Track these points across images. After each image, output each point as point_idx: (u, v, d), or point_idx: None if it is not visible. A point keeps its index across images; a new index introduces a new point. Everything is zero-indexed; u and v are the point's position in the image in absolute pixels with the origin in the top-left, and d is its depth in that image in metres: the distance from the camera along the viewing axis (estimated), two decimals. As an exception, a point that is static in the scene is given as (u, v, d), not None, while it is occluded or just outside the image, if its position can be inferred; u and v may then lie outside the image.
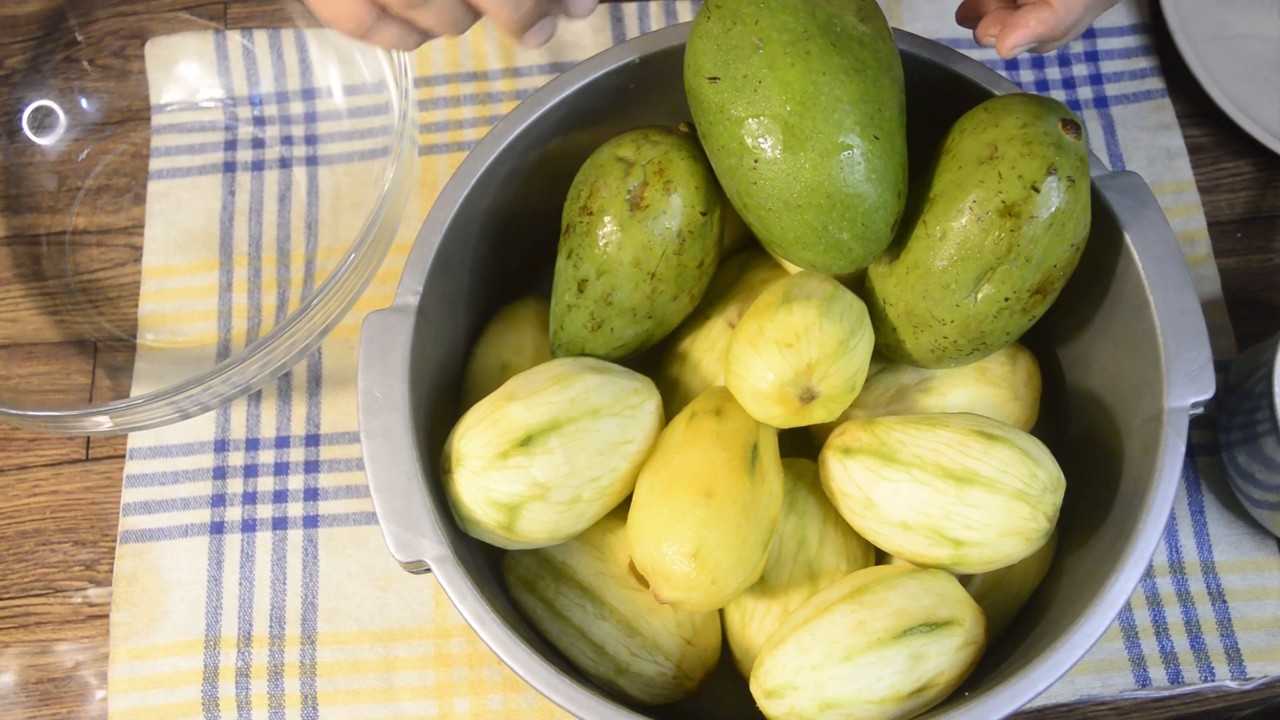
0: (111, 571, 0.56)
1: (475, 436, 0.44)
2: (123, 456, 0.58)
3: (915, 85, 0.47)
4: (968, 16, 0.47)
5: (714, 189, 0.48)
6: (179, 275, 0.61)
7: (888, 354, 0.50)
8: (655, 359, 0.54)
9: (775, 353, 0.45)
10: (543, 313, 0.54)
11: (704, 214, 0.48)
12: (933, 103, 0.48)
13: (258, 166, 0.63)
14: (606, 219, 0.47)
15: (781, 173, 0.44)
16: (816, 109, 0.43)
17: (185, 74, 0.64)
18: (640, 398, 0.47)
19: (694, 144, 0.48)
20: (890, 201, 0.45)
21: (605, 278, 0.47)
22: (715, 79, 0.44)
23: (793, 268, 0.52)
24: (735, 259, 0.55)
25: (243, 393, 0.52)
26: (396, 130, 0.53)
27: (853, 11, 0.45)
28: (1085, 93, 0.63)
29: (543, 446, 0.44)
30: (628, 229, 0.47)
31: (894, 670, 0.43)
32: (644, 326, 0.50)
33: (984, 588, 0.49)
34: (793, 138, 0.43)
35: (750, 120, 0.43)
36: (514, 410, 0.44)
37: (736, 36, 0.44)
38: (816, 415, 0.46)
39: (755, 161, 0.44)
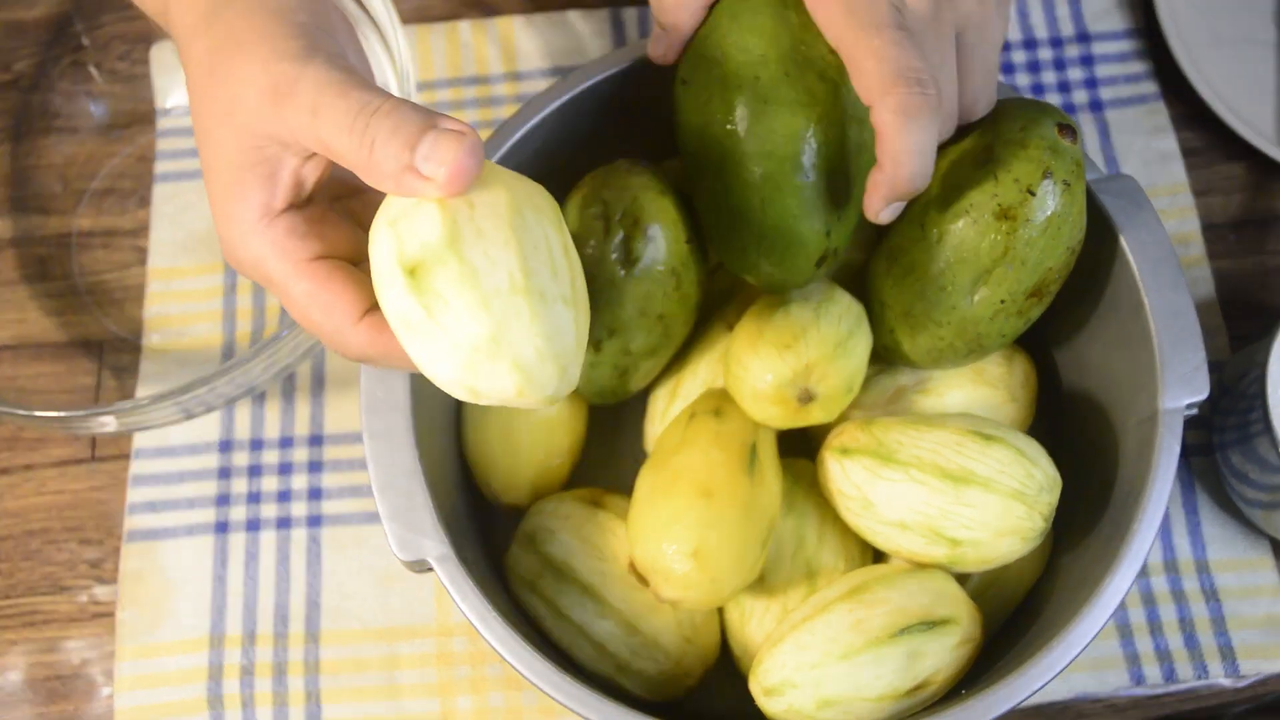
0: (117, 570, 0.56)
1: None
2: (128, 456, 0.58)
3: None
4: None
5: (689, 210, 0.48)
6: (184, 277, 0.62)
7: (885, 355, 0.50)
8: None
9: (773, 354, 0.45)
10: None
11: (689, 241, 0.48)
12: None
13: (262, 169, 0.63)
14: (603, 284, 0.46)
15: (710, 190, 0.44)
16: (750, 137, 0.42)
17: (190, 78, 0.65)
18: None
19: (653, 174, 0.48)
20: (813, 240, 0.43)
21: (618, 335, 0.48)
22: (685, 82, 0.45)
23: None
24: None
25: (247, 393, 0.53)
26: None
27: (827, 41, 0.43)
28: (1080, 96, 0.64)
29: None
30: (626, 287, 0.46)
31: (891, 668, 0.43)
32: (665, 355, 0.50)
33: (980, 586, 0.49)
34: (725, 159, 0.43)
35: (697, 129, 0.44)
36: None
37: (709, 45, 0.44)
38: (815, 416, 0.47)
39: (694, 173, 0.45)
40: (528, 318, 0.33)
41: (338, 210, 0.38)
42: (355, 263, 0.36)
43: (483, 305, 0.32)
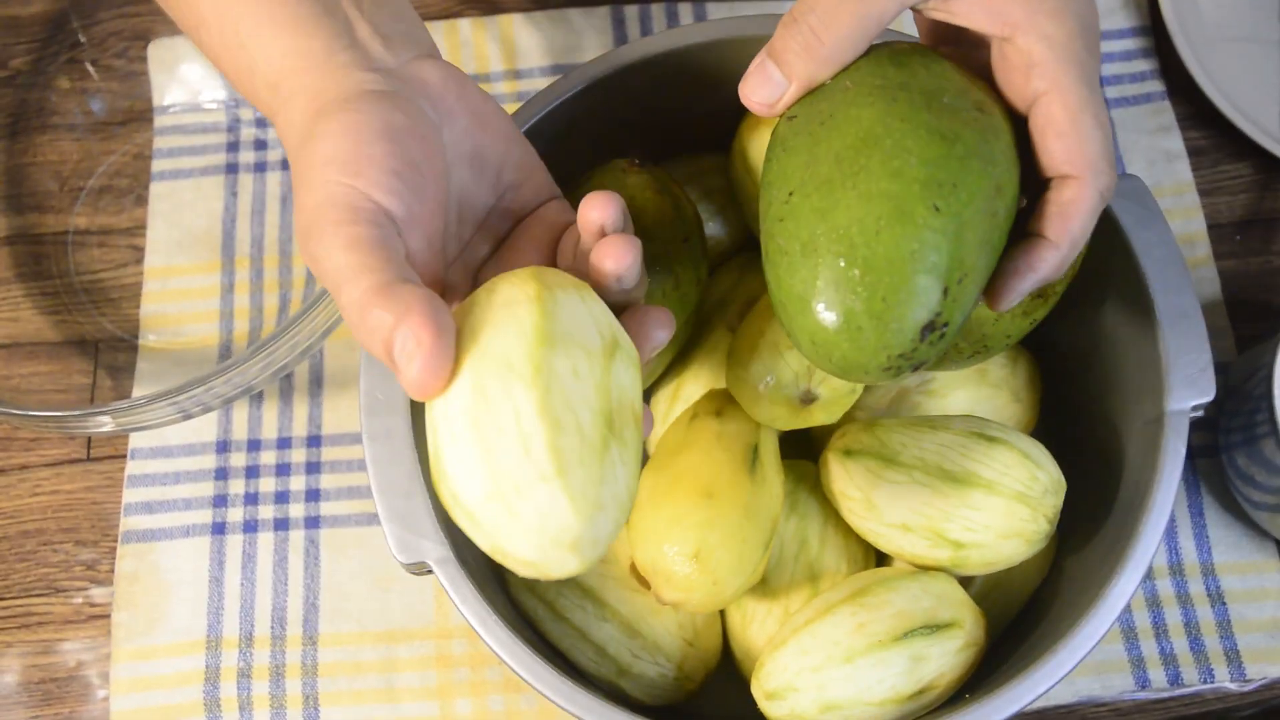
0: (113, 571, 0.56)
1: None
2: (124, 457, 0.58)
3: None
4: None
5: (686, 210, 0.48)
6: (181, 276, 0.61)
7: (889, 356, 0.49)
8: (656, 361, 0.54)
9: (775, 354, 0.45)
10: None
11: (686, 240, 0.48)
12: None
13: (260, 168, 0.63)
14: None
15: (811, 208, 0.36)
16: (876, 149, 0.36)
17: (188, 75, 0.64)
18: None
19: (651, 173, 0.48)
20: (929, 290, 0.35)
21: None
22: (793, 117, 0.39)
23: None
24: (733, 263, 0.55)
25: (244, 393, 0.53)
26: (399, 132, 0.53)
27: (971, 101, 0.38)
28: (1086, 95, 0.63)
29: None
30: None
31: (895, 672, 0.43)
32: (665, 356, 0.50)
33: (984, 589, 0.49)
34: (839, 172, 0.36)
35: (804, 150, 0.38)
36: None
37: (830, 85, 0.39)
38: (817, 417, 0.46)
39: (790, 194, 0.37)
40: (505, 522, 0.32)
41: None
42: None
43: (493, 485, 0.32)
